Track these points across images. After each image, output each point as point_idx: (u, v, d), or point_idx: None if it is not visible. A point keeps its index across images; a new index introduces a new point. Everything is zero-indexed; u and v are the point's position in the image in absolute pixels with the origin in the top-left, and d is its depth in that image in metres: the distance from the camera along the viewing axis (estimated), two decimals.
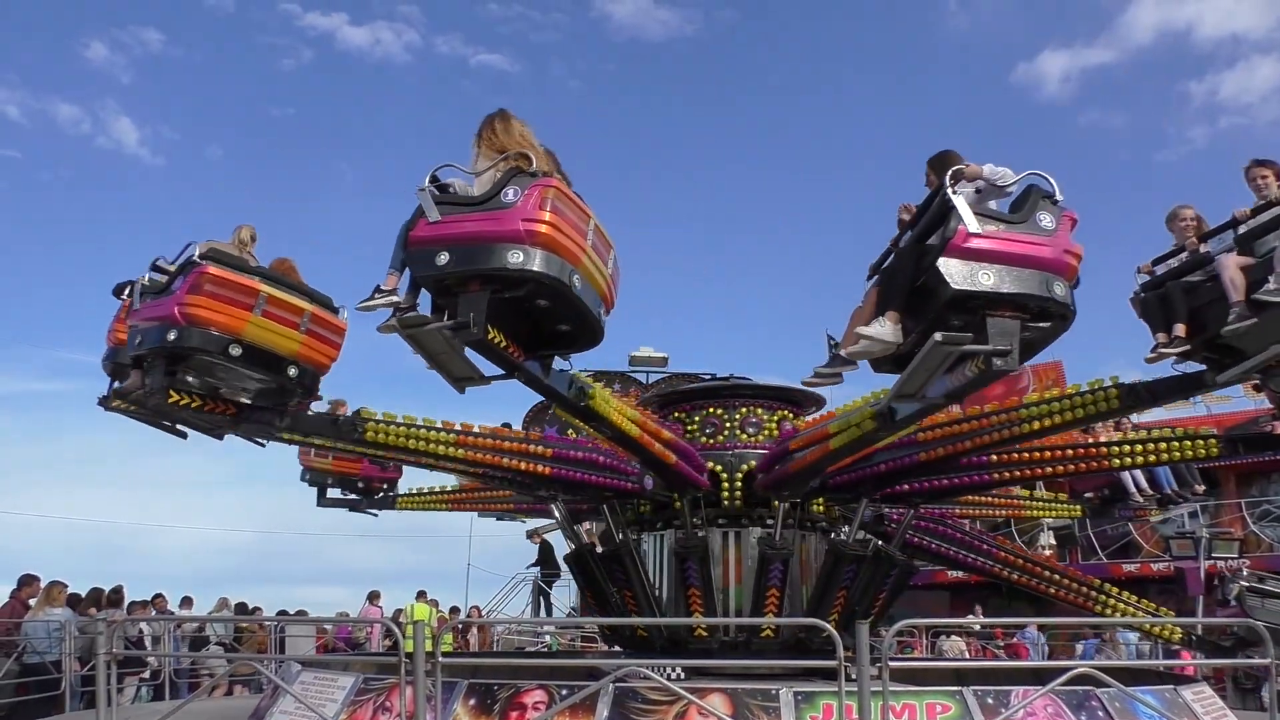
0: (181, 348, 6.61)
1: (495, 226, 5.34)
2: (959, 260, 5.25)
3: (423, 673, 5.98)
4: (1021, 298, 5.29)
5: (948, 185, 5.47)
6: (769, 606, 8.84)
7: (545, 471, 8.73)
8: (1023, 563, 10.92)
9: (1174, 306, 6.54)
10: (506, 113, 5.96)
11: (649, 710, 6.54)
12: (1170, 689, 7.50)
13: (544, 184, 5.48)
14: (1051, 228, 5.42)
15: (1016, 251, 5.31)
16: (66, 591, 11.55)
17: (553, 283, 5.40)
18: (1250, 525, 21.46)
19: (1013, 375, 23.05)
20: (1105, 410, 7.13)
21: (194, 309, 6.57)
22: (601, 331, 6.12)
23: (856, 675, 5.57)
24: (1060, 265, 5.38)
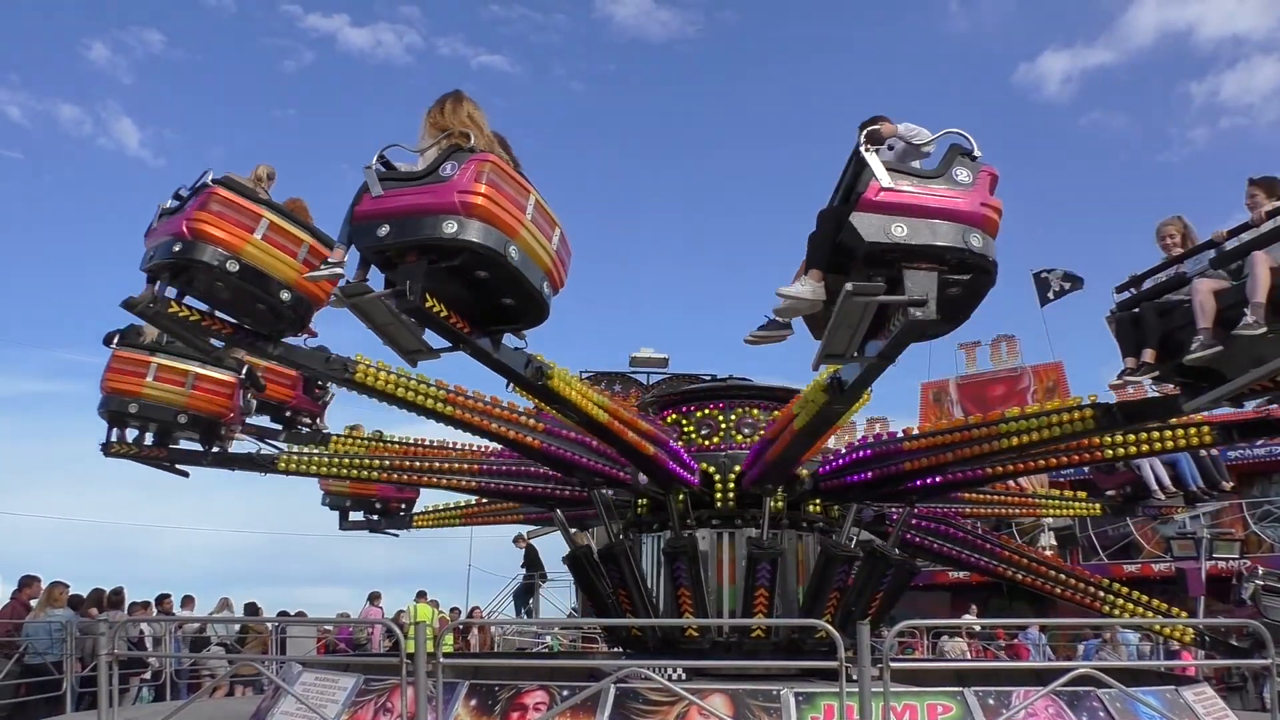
0: (184, 259, 6.96)
1: (432, 199, 5.56)
2: (871, 214, 5.32)
3: (424, 673, 5.98)
4: (936, 249, 5.32)
5: (861, 144, 5.52)
6: (758, 607, 8.84)
7: (534, 444, 8.79)
8: (1028, 562, 10.86)
9: (1146, 330, 6.52)
10: (460, 94, 6.18)
11: (650, 711, 6.54)
12: (1171, 689, 7.50)
13: (481, 158, 5.69)
14: (968, 182, 5.47)
15: (930, 204, 5.36)
16: (68, 592, 11.57)
17: (487, 252, 5.58)
18: (1251, 526, 21.45)
19: (1013, 376, 23.31)
20: (1081, 430, 7.18)
21: (199, 224, 6.94)
22: (546, 306, 6.27)
23: (857, 676, 5.57)
24: (977, 217, 5.40)
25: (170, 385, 9.39)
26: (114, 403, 9.44)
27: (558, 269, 6.34)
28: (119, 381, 9.39)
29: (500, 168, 5.80)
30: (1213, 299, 6.05)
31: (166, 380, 9.38)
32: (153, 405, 9.39)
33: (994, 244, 5.51)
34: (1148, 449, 8.24)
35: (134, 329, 9.46)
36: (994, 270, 5.53)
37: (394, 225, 5.59)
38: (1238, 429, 8.29)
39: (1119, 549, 22.49)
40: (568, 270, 6.56)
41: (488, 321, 6.41)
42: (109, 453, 9.78)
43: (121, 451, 9.76)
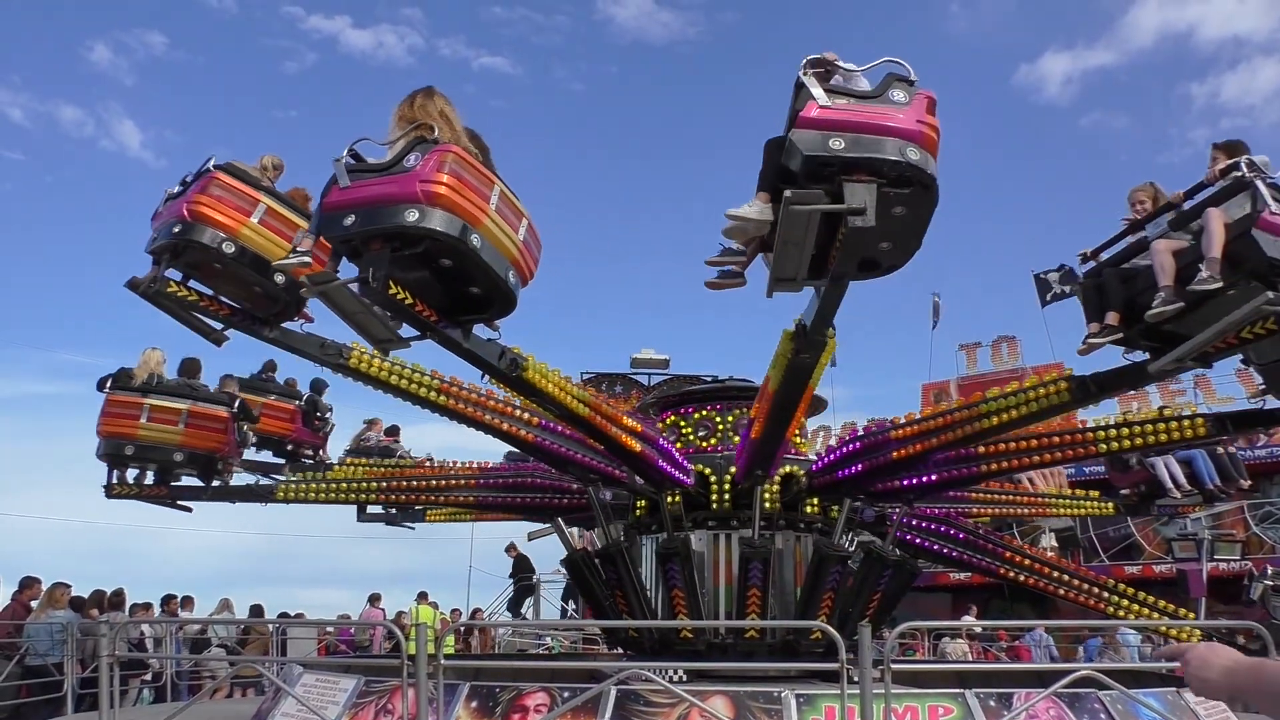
0: (183, 239, 7.24)
1: (395, 188, 5.72)
2: (809, 130, 5.44)
3: (424, 675, 5.99)
4: (873, 160, 5.41)
5: (801, 70, 5.65)
6: (750, 607, 8.84)
7: (528, 438, 8.84)
8: (1032, 563, 10.76)
9: (1109, 294, 6.54)
10: (432, 89, 6.33)
11: (651, 712, 6.53)
12: (1173, 691, 7.48)
13: (444, 149, 5.84)
14: (904, 101, 5.60)
15: (866, 120, 5.49)
16: (69, 594, 11.56)
17: (448, 239, 5.71)
18: (1253, 527, 21.42)
19: (1014, 376, 23.29)
20: (1058, 403, 7.18)
21: (199, 206, 7.25)
22: (513, 295, 6.38)
23: (858, 677, 5.57)
24: (913, 133, 5.49)
25: (164, 425, 9.64)
26: (111, 446, 9.69)
27: (525, 259, 6.45)
28: (114, 425, 9.64)
29: (463, 158, 5.93)
30: (1172, 258, 6.11)
31: (160, 420, 9.64)
32: (149, 446, 9.69)
33: (933, 162, 5.59)
34: (1141, 442, 8.16)
35: (125, 372, 9.74)
36: (934, 186, 5.59)
37: (359, 215, 5.75)
38: (1232, 421, 8.18)
39: (1120, 550, 22.46)
40: (537, 262, 6.68)
41: (457, 312, 6.53)
42: (111, 495, 9.96)
43: (124, 493, 9.99)
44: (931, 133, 5.58)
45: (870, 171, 5.44)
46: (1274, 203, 5.91)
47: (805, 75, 5.61)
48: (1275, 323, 5.87)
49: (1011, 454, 8.56)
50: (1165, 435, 7.98)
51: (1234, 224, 5.96)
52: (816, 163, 5.43)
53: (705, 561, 9.31)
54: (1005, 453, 8.57)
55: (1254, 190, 5.98)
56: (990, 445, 8.67)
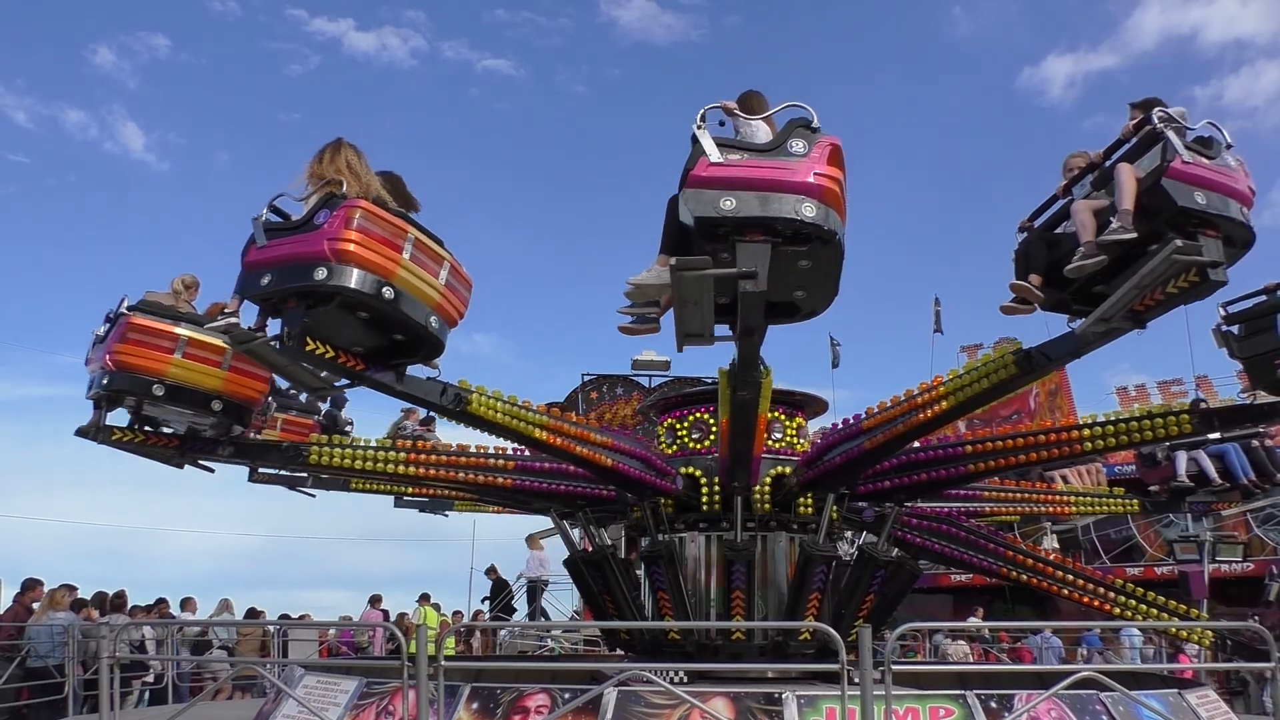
0: (112, 390, 7.76)
1: (306, 247, 5.91)
2: (701, 189, 5.42)
3: (425, 676, 5.98)
4: (765, 220, 5.39)
5: (695, 123, 5.61)
6: (735, 609, 8.85)
7: (506, 484, 9.13)
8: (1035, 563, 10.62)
9: (1033, 258, 6.48)
10: (340, 142, 6.47)
11: (652, 714, 6.52)
12: (1174, 693, 7.47)
13: (351, 205, 6.01)
14: (802, 152, 5.55)
15: (759, 176, 5.46)
16: (71, 596, 11.58)
17: (357, 295, 5.91)
18: (1254, 529, 21.40)
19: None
20: (1006, 379, 7.13)
21: (120, 356, 7.65)
22: (436, 340, 6.55)
23: (859, 679, 5.56)
24: (810, 187, 5.46)
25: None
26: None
27: (450, 302, 6.63)
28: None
29: (371, 212, 6.06)
30: (1092, 216, 6.04)
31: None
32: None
33: (834, 214, 5.54)
34: (1127, 440, 8.03)
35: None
36: (833, 239, 5.57)
37: (274, 274, 5.98)
38: (1219, 416, 8.14)
39: (1122, 552, 22.45)
40: (466, 302, 6.87)
41: (389, 357, 6.74)
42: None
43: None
44: (832, 184, 5.52)
45: (765, 231, 5.42)
46: (1186, 152, 5.80)
47: (698, 129, 5.57)
48: (1198, 274, 5.71)
49: (999, 453, 8.47)
50: (1151, 433, 7.87)
51: (1146, 175, 5.86)
52: (708, 224, 5.42)
53: (699, 564, 9.33)
54: (992, 451, 8.50)
55: (1165, 141, 5.87)
56: (977, 445, 8.64)
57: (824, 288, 6.06)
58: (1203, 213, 5.65)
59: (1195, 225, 5.67)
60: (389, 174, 6.73)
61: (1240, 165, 6.07)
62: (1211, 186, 5.72)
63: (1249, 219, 5.89)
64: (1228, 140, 6.12)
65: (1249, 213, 5.92)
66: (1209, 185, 5.72)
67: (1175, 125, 5.95)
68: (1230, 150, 6.08)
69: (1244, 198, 5.90)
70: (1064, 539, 21.99)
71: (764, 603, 9.11)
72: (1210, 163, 5.86)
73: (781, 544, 9.30)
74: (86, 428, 7.95)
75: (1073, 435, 8.15)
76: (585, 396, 24.78)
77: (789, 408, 9.99)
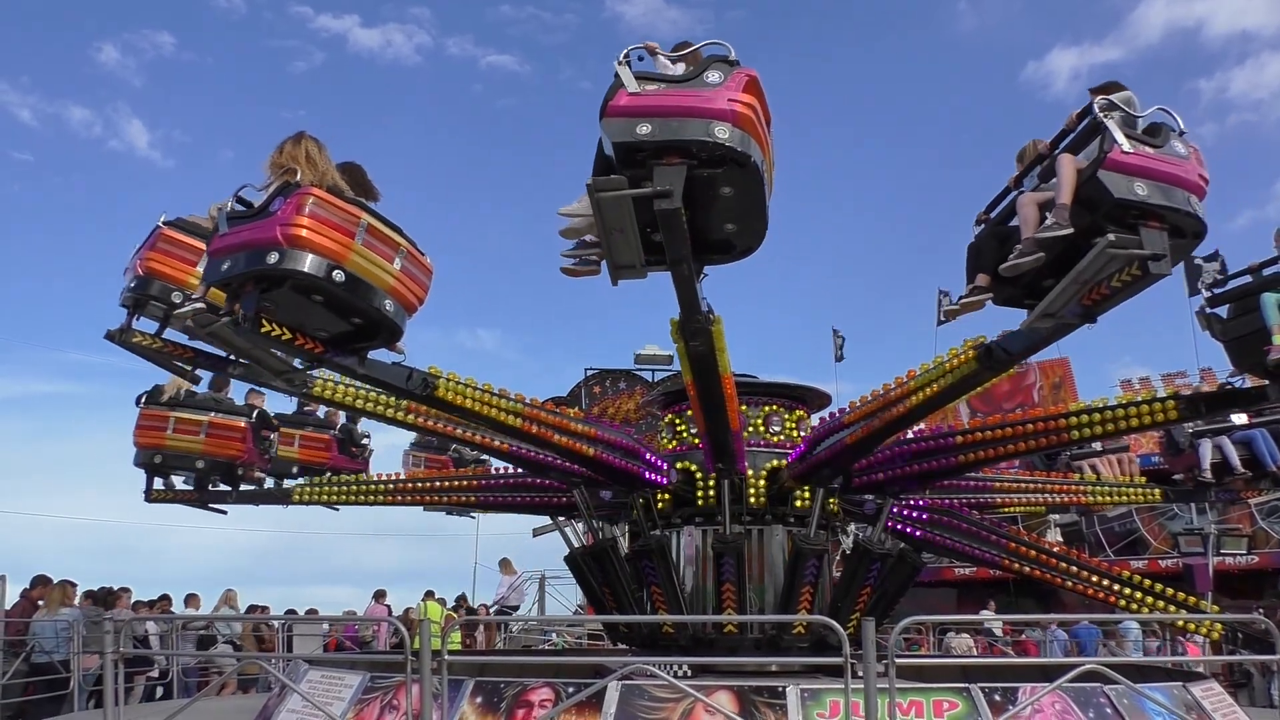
0: (140, 295, 8.47)
1: (260, 233, 6.13)
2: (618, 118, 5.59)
3: (429, 671, 5.99)
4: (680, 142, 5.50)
5: (617, 60, 5.76)
6: (726, 602, 8.85)
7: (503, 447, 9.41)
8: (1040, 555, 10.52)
9: (983, 256, 6.34)
10: (301, 135, 6.69)
11: (655, 708, 6.53)
12: (1179, 685, 7.46)
13: (304, 192, 6.19)
14: (718, 81, 5.68)
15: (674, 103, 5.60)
16: (77, 591, 11.61)
17: (309, 278, 6.11)
18: (1259, 521, 21.36)
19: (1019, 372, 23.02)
20: (968, 374, 7.10)
21: (151, 263, 8.43)
22: (392, 323, 6.65)
23: (863, 672, 5.56)
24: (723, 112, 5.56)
25: (187, 435, 10.67)
26: (144, 455, 10.79)
27: (406, 287, 6.74)
28: (145, 436, 10.73)
29: (324, 199, 6.25)
30: (1036, 210, 5.86)
31: (183, 431, 10.68)
32: (174, 454, 10.76)
33: (750, 139, 5.62)
34: (1113, 428, 7.91)
35: (157, 389, 10.80)
36: (749, 162, 5.63)
37: (233, 260, 6.23)
38: (1205, 402, 7.93)
39: (1125, 545, 22.43)
40: (425, 287, 6.99)
41: (354, 342, 6.90)
42: (150, 499, 11.16)
43: (160, 498, 11.18)
44: (746, 110, 5.61)
45: (681, 154, 5.52)
46: (1126, 141, 5.57)
47: (618, 65, 5.71)
48: (1140, 268, 5.51)
49: (988, 443, 8.41)
50: (1137, 419, 7.75)
51: (1087, 167, 5.66)
52: (626, 149, 5.55)
53: (691, 558, 9.34)
54: (981, 441, 8.45)
55: (1104, 130, 5.67)
56: (967, 435, 8.62)
57: (752, 220, 6.11)
58: (1143, 204, 5.46)
59: (1136, 217, 5.50)
60: (350, 164, 6.95)
61: (1192, 153, 5.82)
62: (1154, 176, 5.53)
63: (1197, 208, 5.65)
64: (1180, 127, 5.90)
65: (1199, 202, 5.68)
66: (1151, 175, 5.52)
67: (1119, 113, 5.76)
68: (1182, 137, 5.86)
69: (1192, 186, 5.65)
70: (1068, 532, 21.95)
71: (757, 596, 9.12)
72: (1154, 151, 5.64)
73: (778, 538, 9.30)
74: (114, 332, 8.69)
75: (1059, 424, 8.09)
76: (588, 391, 24.80)
77: (788, 400, 9.98)
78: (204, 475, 10.95)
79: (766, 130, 5.89)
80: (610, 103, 5.65)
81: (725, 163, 5.60)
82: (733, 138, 5.54)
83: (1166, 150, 5.67)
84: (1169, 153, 5.67)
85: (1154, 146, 5.66)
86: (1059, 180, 5.69)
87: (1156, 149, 5.64)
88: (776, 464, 9.27)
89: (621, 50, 5.82)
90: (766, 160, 5.89)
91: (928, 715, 6.48)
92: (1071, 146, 5.96)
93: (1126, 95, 5.95)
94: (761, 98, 5.82)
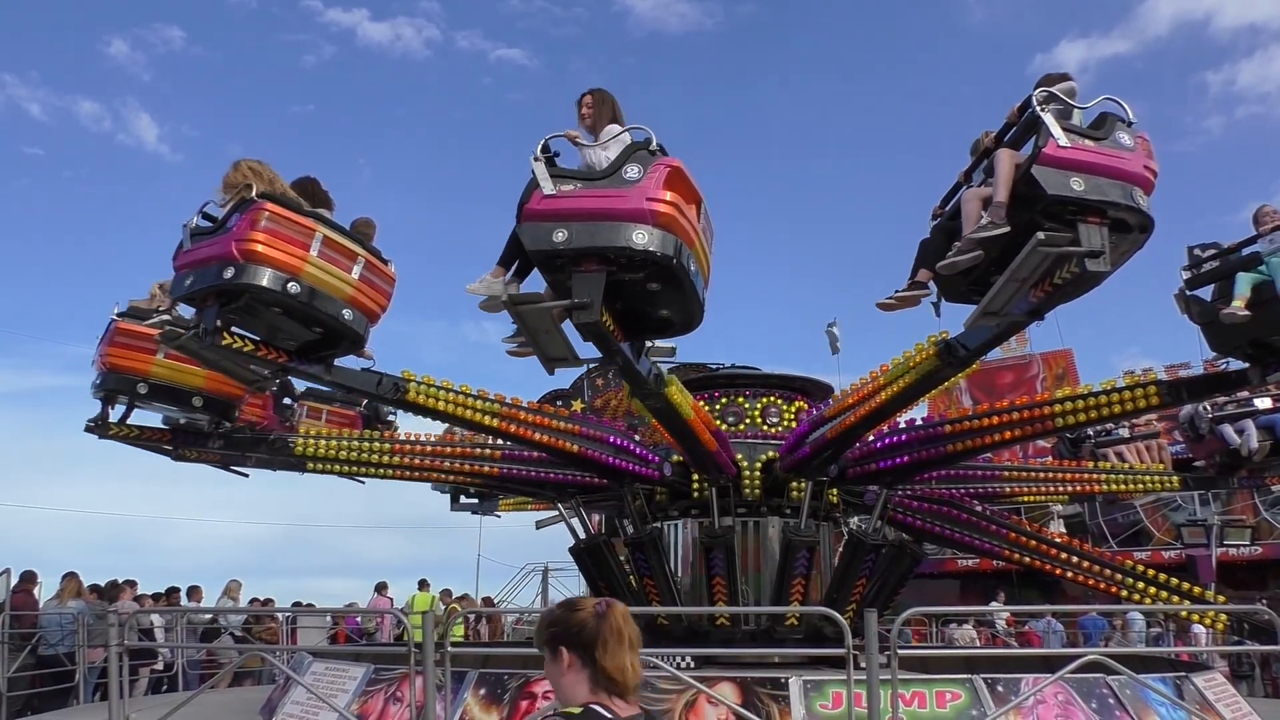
0: (106, 389, 8.66)
1: (217, 249, 6.25)
2: (534, 223, 5.56)
3: (432, 663, 6.01)
4: (598, 250, 5.49)
5: (534, 154, 5.73)
6: (717, 594, 8.88)
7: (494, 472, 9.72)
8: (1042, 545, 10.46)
9: (927, 250, 6.30)
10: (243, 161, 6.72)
11: (660, 699, 6.55)
12: (1182, 676, 7.47)
13: (259, 207, 6.26)
14: (636, 178, 5.60)
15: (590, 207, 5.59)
16: (82, 584, 11.63)
17: (265, 292, 6.20)
18: (1263, 512, 21.34)
19: (1022, 363, 22.93)
20: (930, 370, 7.12)
21: (111, 358, 8.55)
22: (354, 332, 6.75)
23: (865, 664, 5.57)
24: (640, 214, 5.49)
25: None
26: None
27: (366, 296, 6.83)
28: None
29: (278, 214, 6.32)
30: (979, 206, 5.72)
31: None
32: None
33: (671, 237, 5.52)
34: (1096, 415, 7.84)
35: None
36: (670, 263, 5.53)
37: (195, 275, 6.33)
38: (1187, 387, 7.83)
39: (1129, 536, 22.42)
40: (388, 295, 7.10)
41: (320, 349, 7.02)
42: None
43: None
44: (667, 209, 5.51)
45: (599, 260, 5.48)
46: (1063, 135, 5.34)
47: (534, 161, 5.65)
48: (1078, 265, 5.29)
49: (975, 432, 8.40)
50: (1119, 406, 7.70)
51: (1024, 162, 5.47)
52: (544, 256, 5.54)
53: (684, 550, 9.43)
54: (968, 431, 8.46)
55: (1040, 124, 5.44)
56: (956, 424, 8.63)
57: (686, 305, 6.08)
58: (1080, 199, 5.23)
59: (1074, 213, 5.28)
60: (305, 179, 7.12)
61: (1139, 144, 5.56)
62: (1092, 170, 5.28)
63: (1142, 202, 5.39)
64: (1129, 118, 5.62)
65: (1144, 195, 5.42)
66: (1089, 169, 5.28)
67: (1056, 106, 5.55)
68: (1130, 128, 5.59)
69: (1136, 179, 5.39)
70: (1071, 523, 21.96)
71: (751, 588, 9.12)
72: (1095, 145, 5.40)
73: (774, 529, 9.31)
74: (92, 423, 8.78)
75: (1044, 412, 8.06)
76: (590, 383, 24.72)
77: (787, 392, 9.98)
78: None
79: (694, 218, 5.79)
80: (526, 206, 5.57)
81: (646, 266, 5.54)
82: (651, 240, 5.44)
83: (1109, 143, 5.45)
84: (1112, 145, 5.44)
85: (1095, 139, 5.45)
86: (997, 177, 5.57)
87: (1098, 141, 5.44)
88: (772, 455, 9.28)
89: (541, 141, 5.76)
90: (695, 251, 5.81)
91: (930, 706, 6.49)
92: (1014, 141, 5.81)
93: (1069, 86, 5.77)
94: (685, 186, 5.70)
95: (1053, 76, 5.93)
